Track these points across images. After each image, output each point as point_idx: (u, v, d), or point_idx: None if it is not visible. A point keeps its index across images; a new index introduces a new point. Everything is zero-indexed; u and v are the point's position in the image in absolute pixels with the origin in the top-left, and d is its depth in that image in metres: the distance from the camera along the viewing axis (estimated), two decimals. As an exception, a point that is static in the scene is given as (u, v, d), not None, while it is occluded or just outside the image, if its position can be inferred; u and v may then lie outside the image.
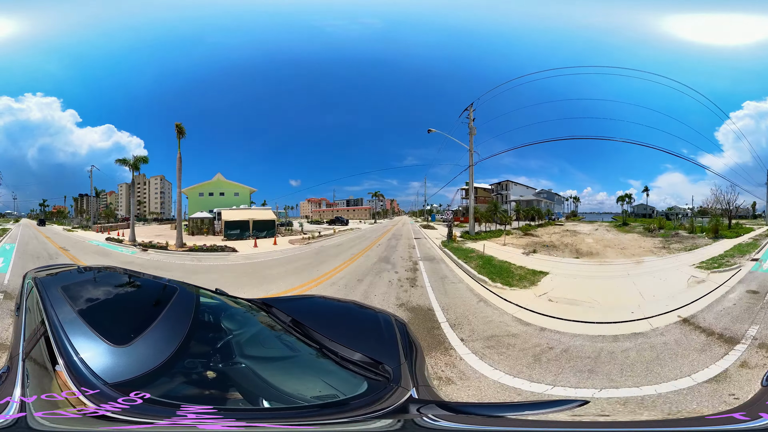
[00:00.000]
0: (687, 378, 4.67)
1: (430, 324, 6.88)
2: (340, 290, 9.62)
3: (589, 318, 7.40)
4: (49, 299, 2.07)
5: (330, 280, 10.85)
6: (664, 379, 4.68)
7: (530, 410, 1.81)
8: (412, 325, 6.46)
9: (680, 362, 5.18)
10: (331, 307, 3.47)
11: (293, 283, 10.57)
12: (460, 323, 6.93)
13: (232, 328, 2.41)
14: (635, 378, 4.77)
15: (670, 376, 4.73)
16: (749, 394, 4.17)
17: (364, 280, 10.76)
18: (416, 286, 9.91)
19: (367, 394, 1.74)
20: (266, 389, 1.84)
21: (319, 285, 10.34)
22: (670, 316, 7.26)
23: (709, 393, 4.30)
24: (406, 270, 12.20)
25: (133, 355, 1.64)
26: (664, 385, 4.51)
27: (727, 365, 4.98)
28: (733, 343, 5.73)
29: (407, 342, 2.43)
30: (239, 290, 7.53)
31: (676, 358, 5.32)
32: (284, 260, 15.05)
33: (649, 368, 5.02)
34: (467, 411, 1.76)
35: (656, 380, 4.66)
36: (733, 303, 7.97)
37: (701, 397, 4.22)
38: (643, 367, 5.07)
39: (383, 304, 8.17)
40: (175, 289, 2.58)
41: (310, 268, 12.97)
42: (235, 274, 12.90)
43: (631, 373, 4.93)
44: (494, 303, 8.39)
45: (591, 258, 15.44)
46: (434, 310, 7.71)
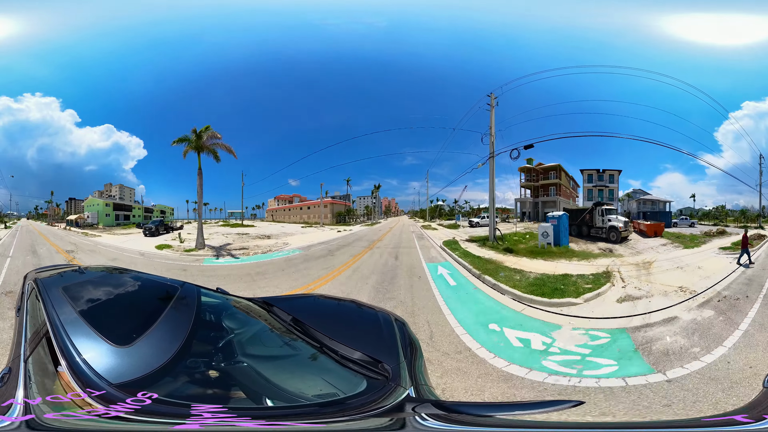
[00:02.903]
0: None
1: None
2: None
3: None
4: (51, 300, 2.07)
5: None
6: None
7: (524, 410, 1.81)
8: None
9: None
10: (332, 306, 3.47)
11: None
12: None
13: (234, 327, 2.41)
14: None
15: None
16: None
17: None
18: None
19: (365, 393, 1.75)
20: (268, 388, 1.85)
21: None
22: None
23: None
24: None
25: (136, 355, 1.65)
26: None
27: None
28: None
29: (407, 341, 2.44)
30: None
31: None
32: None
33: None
34: (462, 410, 1.76)
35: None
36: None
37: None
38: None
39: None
40: (176, 289, 2.58)
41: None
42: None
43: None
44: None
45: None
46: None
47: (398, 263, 12.77)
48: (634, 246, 15.03)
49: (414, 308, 7.69)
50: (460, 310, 7.63)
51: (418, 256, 13.97)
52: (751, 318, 6.98)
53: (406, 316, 6.79)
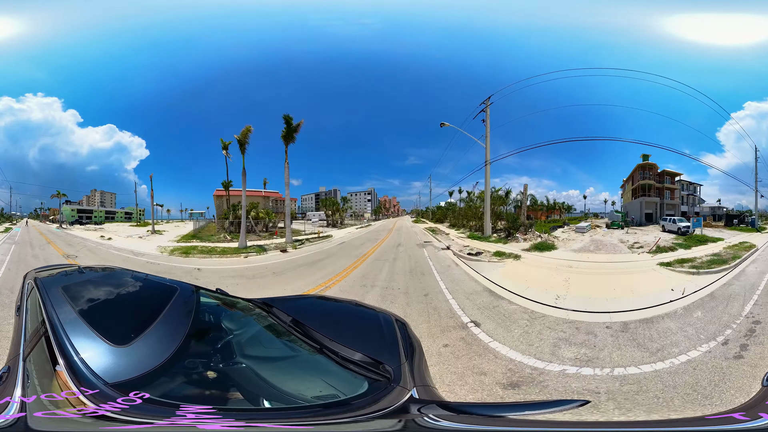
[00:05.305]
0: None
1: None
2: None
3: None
4: (50, 299, 2.07)
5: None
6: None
7: (531, 410, 1.80)
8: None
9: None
10: (332, 307, 3.46)
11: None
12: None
13: (233, 328, 2.40)
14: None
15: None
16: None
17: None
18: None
19: (367, 394, 1.74)
20: (267, 389, 1.84)
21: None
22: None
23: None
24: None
25: (133, 355, 1.64)
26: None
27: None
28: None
29: (408, 342, 2.42)
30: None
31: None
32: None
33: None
34: (468, 411, 1.76)
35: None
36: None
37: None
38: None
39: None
40: (175, 289, 2.57)
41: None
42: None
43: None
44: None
45: None
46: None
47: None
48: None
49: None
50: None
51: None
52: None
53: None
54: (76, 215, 32.59)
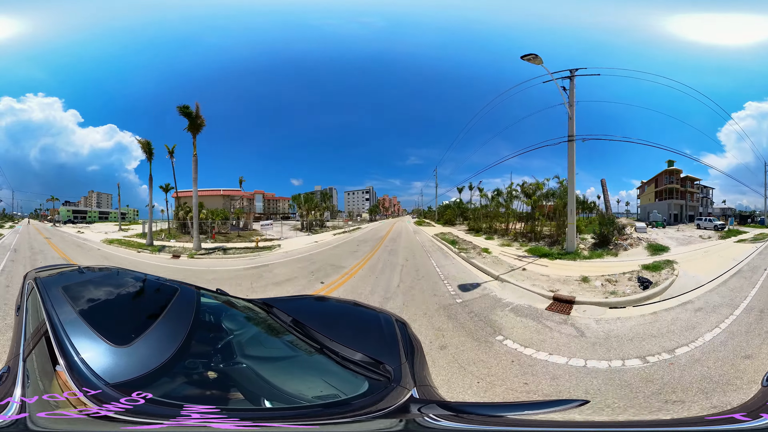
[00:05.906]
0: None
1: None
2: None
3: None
4: (50, 299, 2.07)
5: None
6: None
7: (531, 410, 1.80)
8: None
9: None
10: (332, 307, 3.46)
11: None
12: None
13: (233, 328, 2.40)
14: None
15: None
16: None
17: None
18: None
19: (368, 394, 1.74)
20: (267, 389, 1.84)
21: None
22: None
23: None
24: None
25: (134, 355, 1.64)
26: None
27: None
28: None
29: (408, 341, 2.42)
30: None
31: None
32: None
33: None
34: (468, 411, 1.76)
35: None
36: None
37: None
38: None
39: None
40: (175, 289, 2.58)
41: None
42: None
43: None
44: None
45: None
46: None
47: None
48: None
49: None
50: None
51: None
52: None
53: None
54: (71, 215, 37.83)
